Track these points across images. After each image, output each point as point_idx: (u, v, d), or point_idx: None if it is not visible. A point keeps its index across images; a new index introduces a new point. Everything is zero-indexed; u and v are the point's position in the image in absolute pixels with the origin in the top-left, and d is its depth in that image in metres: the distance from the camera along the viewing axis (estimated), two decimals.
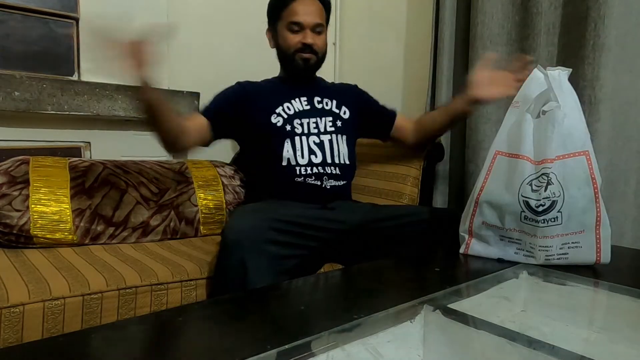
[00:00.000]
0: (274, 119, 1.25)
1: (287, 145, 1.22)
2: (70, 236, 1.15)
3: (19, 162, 1.19)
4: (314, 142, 1.24)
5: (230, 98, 1.29)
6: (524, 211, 0.80)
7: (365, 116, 1.37)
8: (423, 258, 0.93)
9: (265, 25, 1.37)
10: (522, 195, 0.80)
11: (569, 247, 0.81)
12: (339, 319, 0.53)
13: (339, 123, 1.30)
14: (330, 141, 1.26)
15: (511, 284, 0.75)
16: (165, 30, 0.93)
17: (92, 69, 1.53)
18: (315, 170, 1.22)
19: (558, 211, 0.79)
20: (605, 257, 0.81)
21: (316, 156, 1.23)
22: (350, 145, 1.32)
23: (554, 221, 0.79)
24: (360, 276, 0.79)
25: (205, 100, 1.71)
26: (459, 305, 0.61)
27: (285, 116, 1.25)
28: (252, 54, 1.99)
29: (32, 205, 1.13)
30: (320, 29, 1.27)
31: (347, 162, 1.28)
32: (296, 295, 0.70)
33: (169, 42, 1.68)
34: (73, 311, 0.84)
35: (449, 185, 1.61)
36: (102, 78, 1.53)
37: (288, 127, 1.24)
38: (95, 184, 1.22)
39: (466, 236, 0.87)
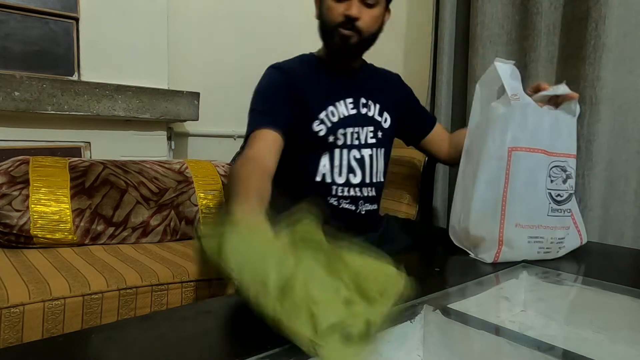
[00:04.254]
0: (316, 127, 1.03)
1: (325, 159, 1.04)
2: (70, 236, 1.15)
3: (19, 162, 1.19)
4: (354, 157, 1.06)
5: (284, 91, 1.03)
6: (550, 203, 0.82)
7: (402, 120, 1.17)
8: (423, 258, 0.93)
9: (266, 25, 1.33)
10: (547, 188, 0.82)
11: (568, 235, 0.86)
12: None
13: (379, 134, 1.10)
14: (371, 157, 1.08)
15: (511, 284, 0.75)
16: None
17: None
18: (352, 192, 1.06)
19: (570, 202, 0.84)
20: (583, 238, 0.89)
21: (355, 175, 1.06)
22: (387, 160, 1.15)
23: (568, 212, 0.83)
24: None
25: (205, 99, 1.71)
26: (459, 305, 0.61)
27: (329, 124, 1.04)
28: (252, 54, 1.99)
29: (32, 205, 1.13)
30: (372, 0, 0.99)
31: (382, 179, 1.12)
32: None
33: (168, 42, 1.68)
34: (73, 311, 0.84)
35: (449, 185, 1.61)
36: (102, 78, 1.53)
37: (330, 138, 1.04)
38: (95, 184, 1.22)
39: (495, 244, 0.82)
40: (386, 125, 1.12)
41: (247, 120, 1.02)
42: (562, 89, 0.86)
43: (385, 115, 1.13)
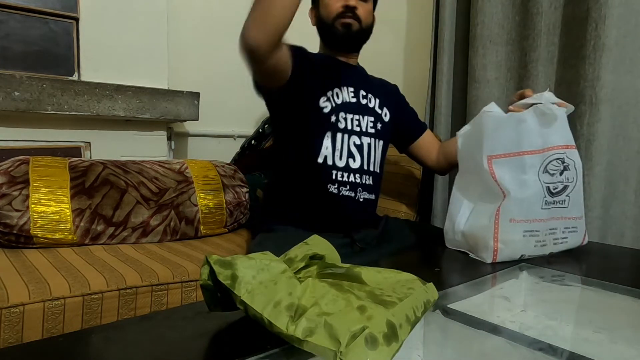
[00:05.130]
0: (322, 103, 1.10)
1: (327, 141, 1.09)
2: (70, 236, 1.15)
3: (19, 162, 1.19)
4: (354, 143, 1.11)
5: (299, 55, 1.09)
6: (545, 196, 0.82)
7: (396, 121, 1.24)
8: (423, 258, 0.93)
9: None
10: (544, 182, 0.83)
11: (569, 232, 0.86)
12: None
13: (379, 125, 1.17)
14: (370, 145, 1.14)
15: (511, 284, 0.75)
16: None
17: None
18: (351, 178, 1.10)
19: (567, 195, 0.84)
20: (585, 238, 0.91)
21: (354, 160, 1.11)
22: (384, 153, 1.21)
23: (562, 203, 0.84)
24: None
25: (205, 99, 1.72)
26: (459, 305, 0.61)
27: (334, 104, 1.11)
28: None
29: (32, 205, 1.13)
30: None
31: (379, 171, 1.18)
32: None
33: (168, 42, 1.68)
34: (73, 311, 0.84)
35: (449, 185, 1.61)
36: (102, 78, 1.53)
37: (333, 118, 1.10)
38: (95, 184, 1.22)
39: (491, 243, 0.82)
40: (386, 119, 1.20)
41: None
42: (546, 97, 0.86)
43: (385, 110, 1.21)
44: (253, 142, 1.77)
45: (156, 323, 0.54)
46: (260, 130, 1.78)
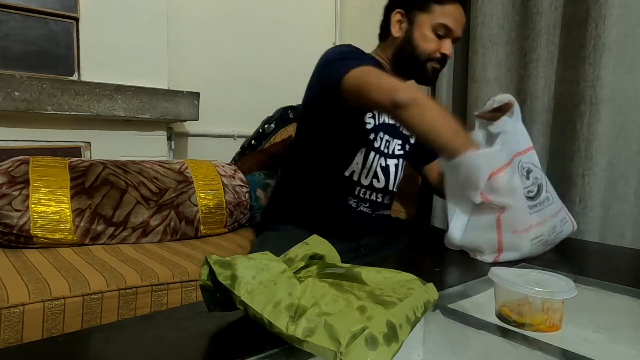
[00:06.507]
0: (367, 119, 1.07)
1: (359, 158, 1.07)
2: (70, 236, 1.15)
3: (19, 162, 1.19)
4: (380, 165, 1.10)
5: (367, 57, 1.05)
6: (527, 202, 0.83)
7: (419, 143, 1.19)
8: (423, 258, 0.93)
9: (265, 26, 1.32)
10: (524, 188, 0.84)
11: (564, 224, 0.88)
12: None
13: (407, 147, 1.16)
14: (396, 166, 1.13)
15: None
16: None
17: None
18: (372, 196, 1.10)
19: (547, 191, 0.86)
20: (574, 224, 0.92)
21: (378, 181, 1.10)
22: (404, 172, 1.19)
23: (548, 201, 0.85)
24: None
25: (205, 99, 1.71)
26: (459, 305, 0.61)
27: (377, 122, 1.08)
28: (252, 54, 1.99)
29: (32, 205, 1.12)
30: (456, 43, 1.10)
31: (397, 189, 1.18)
32: None
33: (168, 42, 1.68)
34: (73, 311, 0.84)
35: None
36: (102, 78, 1.53)
37: (372, 136, 1.07)
38: (95, 184, 1.22)
39: (495, 251, 0.82)
40: (412, 140, 1.18)
41: (328, 71, 0.98)
42: (499, 99, 0.90)
43: None
44: (253, 142, 1.77)
45: (156, 323, 0.54)
46: (260, 130, 1.78)
